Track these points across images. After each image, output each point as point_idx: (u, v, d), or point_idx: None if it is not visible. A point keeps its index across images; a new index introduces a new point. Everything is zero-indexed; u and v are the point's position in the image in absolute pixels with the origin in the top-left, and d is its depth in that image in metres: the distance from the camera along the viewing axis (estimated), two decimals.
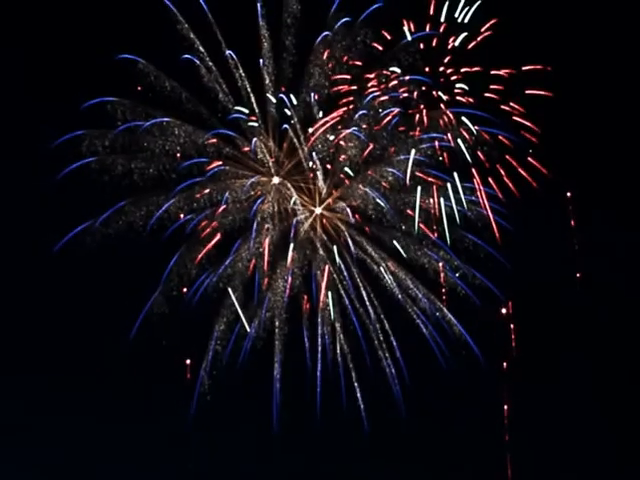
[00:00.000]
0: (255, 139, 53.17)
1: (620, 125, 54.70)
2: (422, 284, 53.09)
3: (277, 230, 53.30)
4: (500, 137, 52.51)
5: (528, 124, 52.74)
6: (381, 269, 52.90)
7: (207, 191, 52.94)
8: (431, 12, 53.41)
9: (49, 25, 55.43)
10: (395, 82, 52.90)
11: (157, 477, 54.33)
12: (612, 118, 54.58)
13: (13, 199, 55.04)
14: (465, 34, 53.09)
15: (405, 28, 52.90)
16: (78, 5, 55.31)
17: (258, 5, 53.01)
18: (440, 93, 52.86)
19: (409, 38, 52.92)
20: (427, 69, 53.06)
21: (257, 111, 53.29)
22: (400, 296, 53.00)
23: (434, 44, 53.17)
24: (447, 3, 53.25)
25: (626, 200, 54.74)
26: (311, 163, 53.10)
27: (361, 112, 52.66)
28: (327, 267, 52.82)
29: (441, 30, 53.16)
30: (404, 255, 52.36)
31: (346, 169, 53.27)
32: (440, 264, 53.01)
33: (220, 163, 53.00)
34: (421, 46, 53.02)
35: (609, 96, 54.49)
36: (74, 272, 53.72)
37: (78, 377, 53.72)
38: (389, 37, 52.97)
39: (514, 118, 52.76)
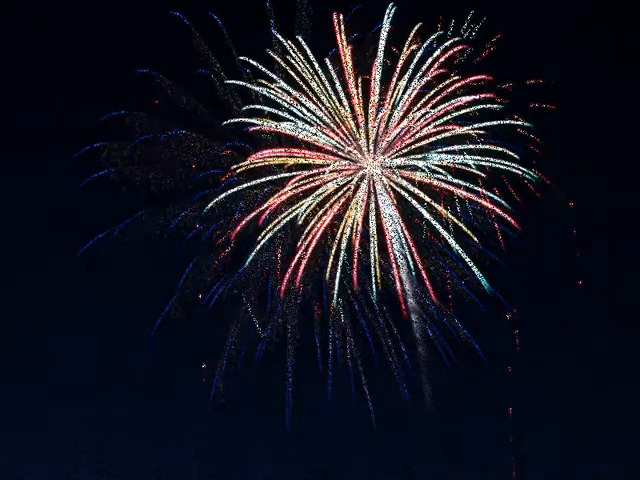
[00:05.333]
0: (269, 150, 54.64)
1: (622, 136, 56.16)
2: (430, 290, 54.25)
3: (289, 239, 54.57)
4: (506, 149, 53.63)
5: (532, 137, 54.12)
6: (390, 276, 54.17)
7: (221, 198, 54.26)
8: (439, 29, 55.00)
9: (69, 41, 57.07)
10: (405, 96, 54.16)
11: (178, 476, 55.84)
12: (614, 129, 56.09)
13: (39, 207, 57.14)
14: (471, 49, 54.51)
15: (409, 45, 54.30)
16: (98, 21, 57.17)
17: (271, 21, 54.75)
18: (447, 107, 54.04)
19: (421, 51, 54.13)
20: (435, 82, 54.24)
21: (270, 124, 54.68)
22: (409, 301, 54.19)
23: (442, 59, 54.33)
24: (453, 20, 54.80)
25: (627, 208, 56.13)
26: (322, 174, 54.47)
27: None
28: (338, 274, 53.94)
29: (448, 44, 54.39)
30: (411, 263, 53.44)
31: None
32: (447, 271, 54.38)
33: (234, 174, 54.40)
34: (429, 60, 54.23)
35: (611, 109, 55.93)
36: (94, 278, 55.77)
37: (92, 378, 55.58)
38: (397, 52, 54.31)
39: (519, 131, 53.96)
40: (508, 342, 55.58)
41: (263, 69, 53.87)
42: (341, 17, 53.49)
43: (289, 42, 53.78)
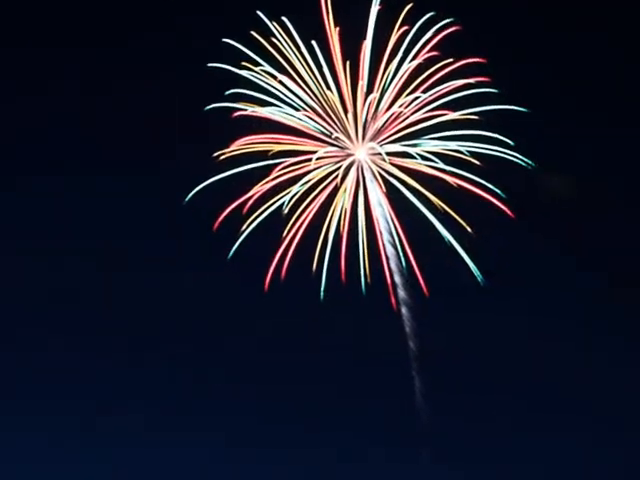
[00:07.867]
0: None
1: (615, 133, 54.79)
2: (421, 282, 52.42)
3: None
4: (500, 135, 51.67)
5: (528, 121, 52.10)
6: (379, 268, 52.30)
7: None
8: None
9: None
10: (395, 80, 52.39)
11: None
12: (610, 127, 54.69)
13: None
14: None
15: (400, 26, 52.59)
16: None
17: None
18: (439, 91, 52.23)
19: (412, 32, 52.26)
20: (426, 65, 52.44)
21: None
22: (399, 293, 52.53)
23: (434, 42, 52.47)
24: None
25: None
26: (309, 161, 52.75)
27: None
28: (325, 266, 52.03)
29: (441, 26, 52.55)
30: (401, 253, 51.76)
31: None
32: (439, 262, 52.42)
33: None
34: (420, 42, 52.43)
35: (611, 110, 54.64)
36: None
37: None
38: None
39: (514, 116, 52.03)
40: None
41: (247, 51, 52.42)
42: None
43: (274, 23, 52.28)
